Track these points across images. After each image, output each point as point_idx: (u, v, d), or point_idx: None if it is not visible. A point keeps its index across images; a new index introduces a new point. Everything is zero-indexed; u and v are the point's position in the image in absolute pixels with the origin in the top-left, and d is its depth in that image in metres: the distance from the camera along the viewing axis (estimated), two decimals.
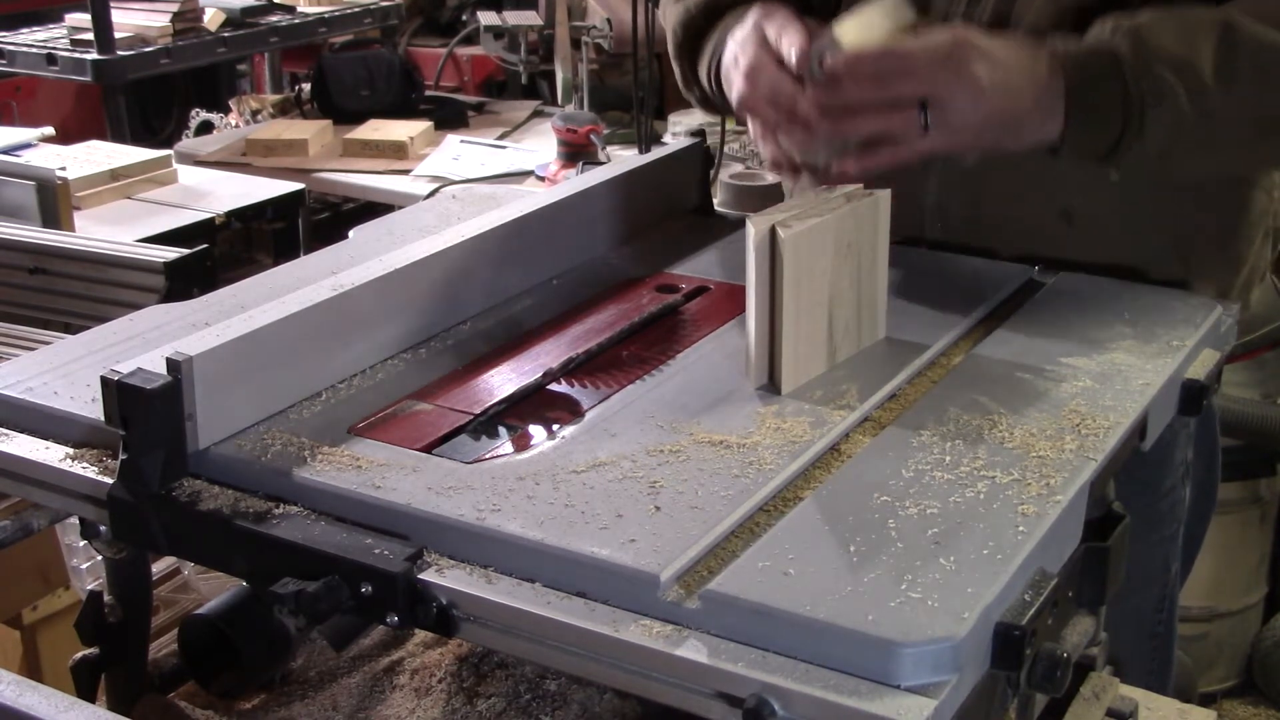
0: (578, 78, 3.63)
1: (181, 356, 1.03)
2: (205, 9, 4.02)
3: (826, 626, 0.83)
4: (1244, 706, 3.12)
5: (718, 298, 1.37)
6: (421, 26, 5.16)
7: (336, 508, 1.00)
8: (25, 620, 2.00)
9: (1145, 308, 1.30)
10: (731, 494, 0.98)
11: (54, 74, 3.87)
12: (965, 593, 0.86)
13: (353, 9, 4.49)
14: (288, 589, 0.92)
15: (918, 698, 0.81)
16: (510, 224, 1.37)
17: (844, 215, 1.19)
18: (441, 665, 1.23)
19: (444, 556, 0.94)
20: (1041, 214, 1.49)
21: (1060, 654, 0.90)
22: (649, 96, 3.03)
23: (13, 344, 1.88)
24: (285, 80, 4.85)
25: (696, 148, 1.64)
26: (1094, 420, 1.08)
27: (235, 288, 1.37)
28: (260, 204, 2.99)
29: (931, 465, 1.02)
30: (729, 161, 3.18)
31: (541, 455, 1.05)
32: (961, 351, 1.24)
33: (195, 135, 4.03)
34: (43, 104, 4.86)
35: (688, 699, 0.85)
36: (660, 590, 0.88)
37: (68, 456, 1.09)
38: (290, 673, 1.23)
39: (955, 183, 1.51)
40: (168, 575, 2.00)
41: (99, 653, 1.19)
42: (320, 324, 1.16)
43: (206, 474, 1.04)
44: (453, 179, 3.26)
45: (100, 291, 2.06)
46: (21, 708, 0.94)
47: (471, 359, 1.25)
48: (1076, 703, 1.17)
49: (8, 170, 2.48)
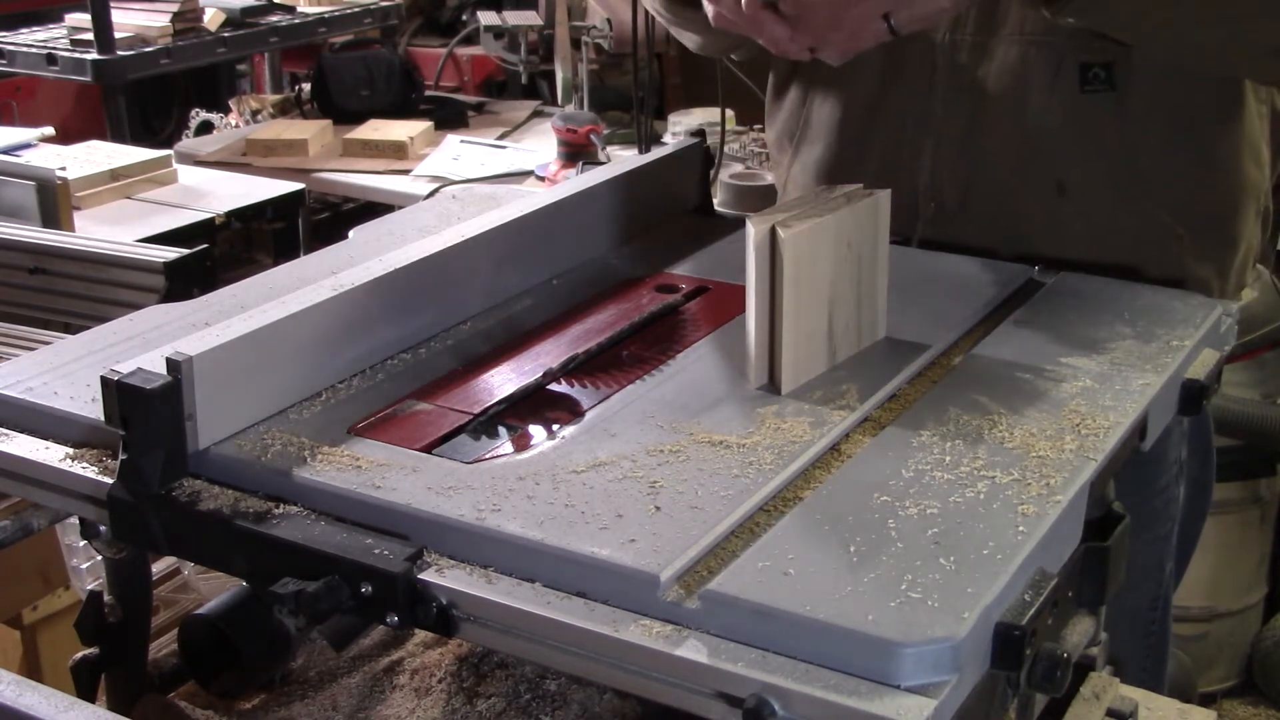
0: (578, 78, 3.63)
1: (181, 356, 1.03)
2: (205, 9, 4.02)
3: (826, 626, 0.83)
4: (1244, 706, 3.12)
5: (718, 298, 1.37)
6: (421, 26, 5.16)
7: (336, 508, 1.00)
8: (25, 620, 2.00)
9: (1145, 308, 1.30)
10: (731, 494, 0.98)
11: (54, 74, 3.87)
12: (965, 593, 0.86)
13: (353, 9, 4.49)
14: (288, 589, 0.92)
15: (918, 698, 0.81)
16: (510, 224, 1.37)
17: (844, 215, 1.19)
18: (441, 665, 1.23)
19: (444, 556, 0.94)
20: (1035, 186, 1.49)
21: (1060, 654, 0.90)
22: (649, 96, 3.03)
23: (13, 344, 1.88)
24: (285, 80, 4.85)
25: (696, 148, 1.64)
26: (1094, 420, 1.08)
27: (235, 288, 1.37)
28: (260, 204, 2.99)
29: (931, 465, 1.02)
30: (729, 161, 3.18)
31: (541, 455, 1.05)
32: (961, 351, 1.24)
33: (195, 135, 4.03)
34: (43, 104, 4.86)
35: (688, 699, 0.85)
36: (660, 590, 0.88)
37: (68, 456, 1.09)
38: (290, 673, 1.23)
39: (949, 156, 1.52)
40: (168, 575, 1.99)
41: (99, 653, 1.19)
42: (320, 324, 1.16)
43: (206, 474, 1.04)
44: (453, 179, 3.26)
45: (100, 291, 2.06)
46: (21, 708, 0.94)
47: (471, 359, 1.25)
48: (1076, 703, 1.17)
49: (8, 170, 2.48)
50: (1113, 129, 1.47)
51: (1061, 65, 1.46)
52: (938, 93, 1.52)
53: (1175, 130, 1.48)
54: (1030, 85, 1.48)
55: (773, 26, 1.28)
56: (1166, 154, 1.48)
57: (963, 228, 1.52)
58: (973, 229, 1.51)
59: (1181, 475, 1.59)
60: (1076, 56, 1.45)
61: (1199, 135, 1.49)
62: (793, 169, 1.69)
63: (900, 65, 1.53)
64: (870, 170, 1.56)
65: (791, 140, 1.68)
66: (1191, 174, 1.49)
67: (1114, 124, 1.47)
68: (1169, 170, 1.48)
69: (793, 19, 1.28)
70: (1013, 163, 1.50)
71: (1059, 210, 1.49)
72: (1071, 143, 1.48)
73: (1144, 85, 1.45)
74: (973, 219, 1.52)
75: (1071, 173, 1.49)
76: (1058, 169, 1.49)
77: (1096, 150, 1.48)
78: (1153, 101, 1.46)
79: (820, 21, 1.28)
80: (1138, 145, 1.47)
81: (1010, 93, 1.49)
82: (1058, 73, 1.46)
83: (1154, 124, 1.47)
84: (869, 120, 1.58)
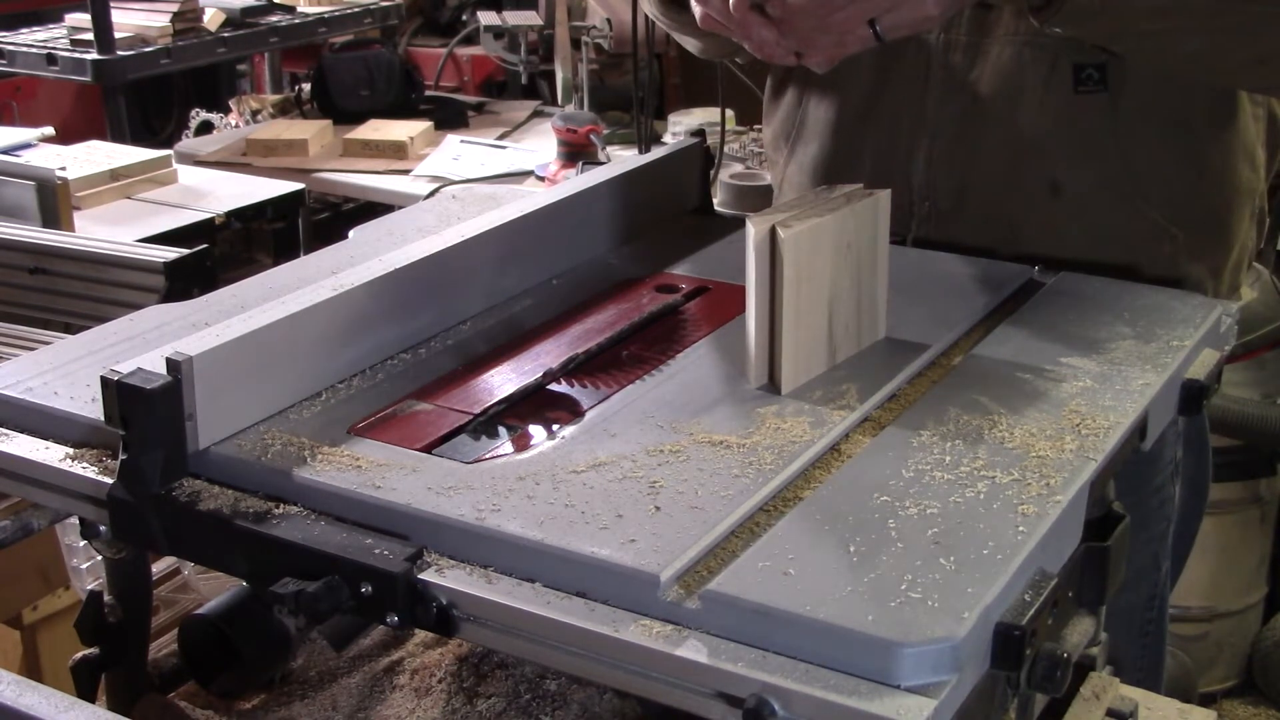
0: (578, 78, 3.63)
1: (181, 356, 1.03)
2: (205, 9, 4.02)
3: (826, 626, 0.83)
4: (1244, 706, 3.12)
5: (718, 298, 1.37)
6: (421, 26, 5.16)
7: (336, 508, 1.00)
8: (25, 620, 2.00)
9: (1145, 308, 1.30)
10: (731, 494, 0.98)
11: (54, 74, 3.88)
12: (965, 593, 0.86)
13: (353, 9, 4.49)
14: (288, 589, 0.92)
15: (918, 698, 0.81)
16: (510, 224, 1.37)
17: (844, 215, 1.19)
18: (441, 665, 1.23)
19: (444, 556, 0.94)
20: (1029, 186, 1.50)
21: (1060, 654, 0.90)
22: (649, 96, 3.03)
23: (13, 344, 1.88)
24: (285, 80, 4.85)
25: (696, 148, 1.64)
26: (1094, 420, 1.08)
27: (235, 288, 1.37)
28: (260, 204, 2.99)
29: (931, 465, 1.02)
30: (729, 161, 3.18)
31: (541, 455, 1.05)
32: (961, 351, 1.24)
33: (195, 135, 4.03)
34: (43, 104, 4.86)
35: (688, 699, 0.85)
36: (660, 590, 0.88)
37: (68, 456, 1.09)
38: (290, 673, 1.23)
39: (943, 156, 1.52)
40: (168, 575, 1.99)
41: (99, 653, 1.19)
42: (320, 324, 1.16)
43: (206, 474, 1.04)
44: (453, 179, 3.26)
45: (100, 291, 2.06)
46: (21, 708, 0.94)
47: (471, 359, 1.25)
48: (1076, 703, 1.17)
49: (8, 170, 2.48)
50: (1107, 130, 1.47)
51: (1055, 66, 1.46)
52: (932, 93, 1.52)
53: (1169, 131, 1.48)
54: (1024, 86, 1.48)
55: (759, 30, 1.28)
56: (1161, 155, 1.48)
57: (957, 228, 1.52)
58: (967, 229, 1.52)
59: (1177, 474, 1.59)
60: (1070, 57, 1.45)
61: (1193, 137, 1.49)
62: (788, 169, 1.69)
63: (894, 66, 1.53)
64: (865, 170, 1.57)
65: (787, 140, 1.69)
66: (1186, 175, 1.49)
67: (1108, 125, 1.47)
68: (1163, 171, 1.48)
69: (779, 22, 1.28)
70: (1007, 163, 1.50)
71: (1053, 210, 1.49)
72: (1065, 143, 1.48)
73: (1138, 86, 1.45)
74: (967, 219, 1.52)
75: (1065, 173, 1.49)
76: (1051, 169, 1.49)
77: (1090, 151, 1.48)
78: (1147, 103, 1.46)
79: (806, 26, 1.28)
80: (1132, 146, 1.47)
81: (1004, 93, 1.49)
82: (1051, 74, 1.46)
83: (1148, 125, 1.47)
84: (863, 120, 1.58)
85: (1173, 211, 1.49)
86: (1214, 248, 1.53)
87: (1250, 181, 1.54)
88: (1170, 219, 1.49)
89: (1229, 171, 1.51)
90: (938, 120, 1.53)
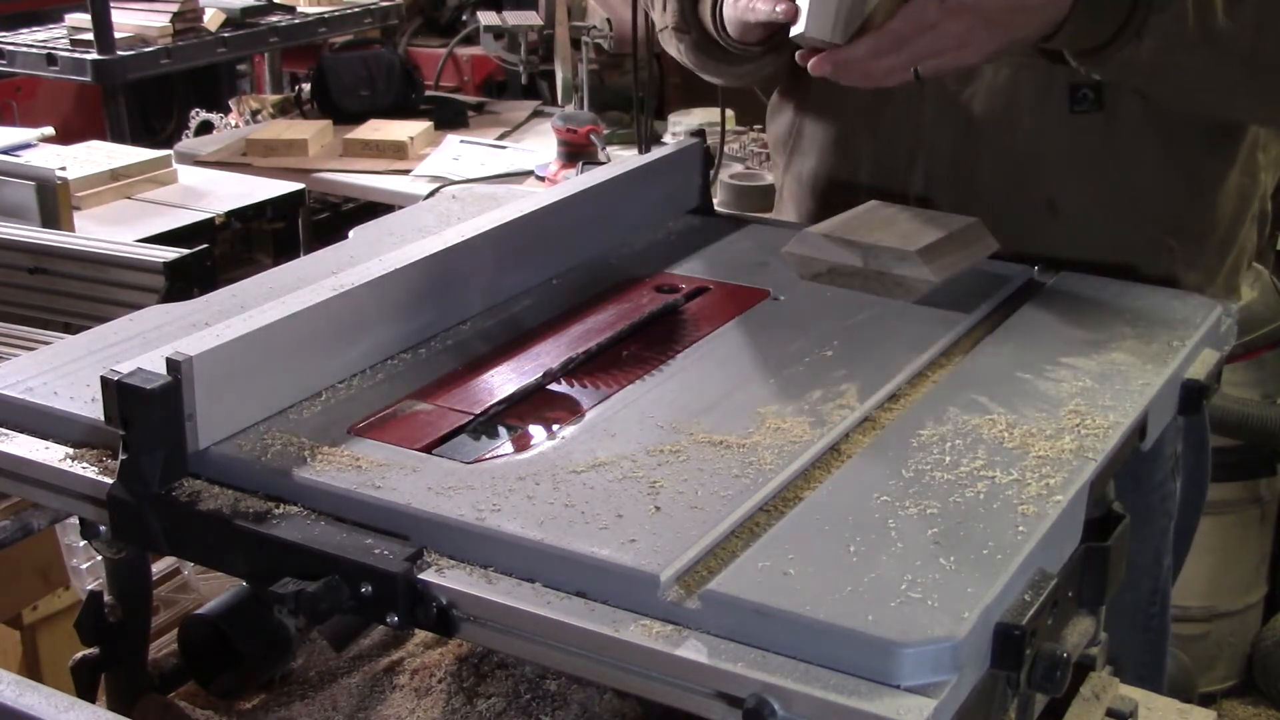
0: (578, 78, 3.63)
1: (181, 356, 1.03)
2: (205, 9, 4.02)
3: (826, 626, 0.83)
4: (1244, 706, 3.12)
5: (718, 298, 1.37)
6: (421, 26, 5.15)
7: (336, 508, 1.00)
8: (25, 620, 2.00)
9: (1145, 308, 1.30)
10: (731, 494, 0.98)
11: (54, 74, 3.87)
12: (965, 593, 0.86)
13: (353, 9, 4.49)
14: (288, 589, 0.92)
15: (918, 698, 0.81)
16: (510, 224, 1.37)
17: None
18: (441, 665, 1.23)
19: (444, 556, 0.94)
20: (1026, 204, 1.50)
21: (1060, 654, 0.90)
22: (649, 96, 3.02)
23: (13, 344, 1.88)
24: (285, 80, 4.85)
25: (696, 148, 1.64)
26: (1094, 420, 1.08)
27: (235, 288, 1.37)
28: (260, 204, 2.99)
29: (931, 465, 1.02)
30: (729, 161, 3.18)
31: (541, 455, 1.05)
32: (962, 351, 1.24)
33: (195, 135, 4.03)
34: (43, 104, 4.86)
35: (688, 699, 0.85)
36: (660, 590, 0.88)
37: (68, 456, 1.09)
38: (290, 673, 1.23)
39: (940, 173, 1.52)
40: (168, 575, 1.99)
41: (99, 653, 1.19)
42: (320, 324, 1.16)
43: (206, 474, 1.04)
44: (453, 179, 3.26)
45: (100, 291, 2.05)
46: (21, 708, 0.94)
47: (471, 359, 1.25)
48: (1076, 703, 1.17)
49: (8, 170, 2.48)
50: (1103, 148, 1.47)
51: (1050, 86, 1.46)
52: (928, 113, 1.53)
53: (1165, 148, 1.48)
54: (1019, 106, 1.48)
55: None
56: (1157, 171, 1.48)
57: None
58: None
59: (1178, 470, 1.59)
60: (1065, 78, 1.45)
61: (1189, 152, 1.49)
62: (786, 178, 1.70)
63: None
64: (863, 184, 1.57)
65: (785, 150, 1.69)
66: (1182, 189, 1.49)
67: (1104, 143, 1.47)
68: (1160, 187, 1.48)
69: (834, 68, 1.31)
70: (1003, 182, 1.50)
71: (1050, 228, 1.50)
72: (1062, 162, 1.48)
73: (1133, 105, 1.46)
74: None
75: (1062, 192, 1.49)
76: (1048, 188, 1.49)
77: (1087, 170, 1.48)
78: (1142, 121, 1.46)
79: (853, 75, 1.32)
80: (1128, 164, 1.47)
81: (1000, 113, 1.49)
82: (1047, 94, 1.47)
83: (1144, 143, 1.47)
84: (860, 136, 1.59)
85: (1170, 224, 1.49)
86: (1211, 254, 1.54)
87: (1247, 188, 1.54)
88: (1167, 231, 1.50)
89: (1226, 182, 1.52)
90: (934, 140, 1.53)
